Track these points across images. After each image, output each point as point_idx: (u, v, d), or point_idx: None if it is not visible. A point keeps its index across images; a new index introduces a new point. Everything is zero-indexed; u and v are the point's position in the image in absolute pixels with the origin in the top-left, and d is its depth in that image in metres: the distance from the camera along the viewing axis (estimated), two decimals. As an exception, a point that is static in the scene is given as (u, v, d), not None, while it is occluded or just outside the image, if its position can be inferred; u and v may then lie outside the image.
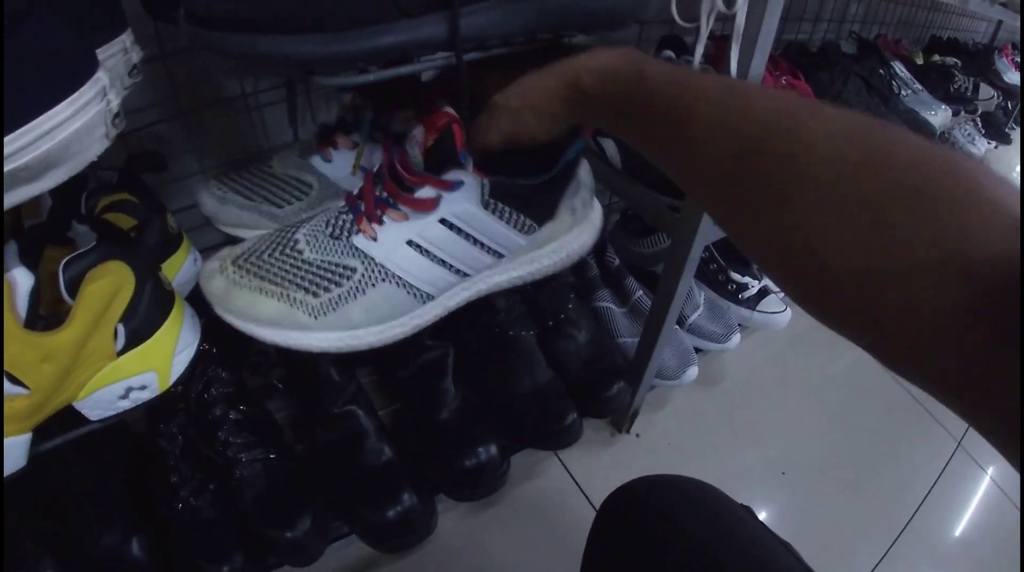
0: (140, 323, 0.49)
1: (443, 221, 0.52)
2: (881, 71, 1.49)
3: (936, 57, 1.87)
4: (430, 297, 0.55)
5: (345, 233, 0.52)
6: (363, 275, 0.51)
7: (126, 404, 0.52)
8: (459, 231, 0.53)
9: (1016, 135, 2.64)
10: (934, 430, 1.47)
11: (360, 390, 0.83)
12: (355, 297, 0.52)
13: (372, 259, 0.52)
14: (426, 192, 0.50)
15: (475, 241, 0.54)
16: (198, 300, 0.55)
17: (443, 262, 0.54)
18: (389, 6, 0.42)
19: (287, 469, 0.78)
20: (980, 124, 2.42)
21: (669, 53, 0.93)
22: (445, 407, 0.83)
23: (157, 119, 0.76)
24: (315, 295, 0.51)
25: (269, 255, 0.53)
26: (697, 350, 1.13)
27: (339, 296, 0.51)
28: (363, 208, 0.52)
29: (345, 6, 0.42)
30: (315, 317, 0.51)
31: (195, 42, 0.44)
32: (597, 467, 1.08)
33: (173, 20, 0.49)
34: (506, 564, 0.94)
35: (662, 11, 0.62)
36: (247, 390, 0.82)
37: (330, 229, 0.52)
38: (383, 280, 0.52)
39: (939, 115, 1.55)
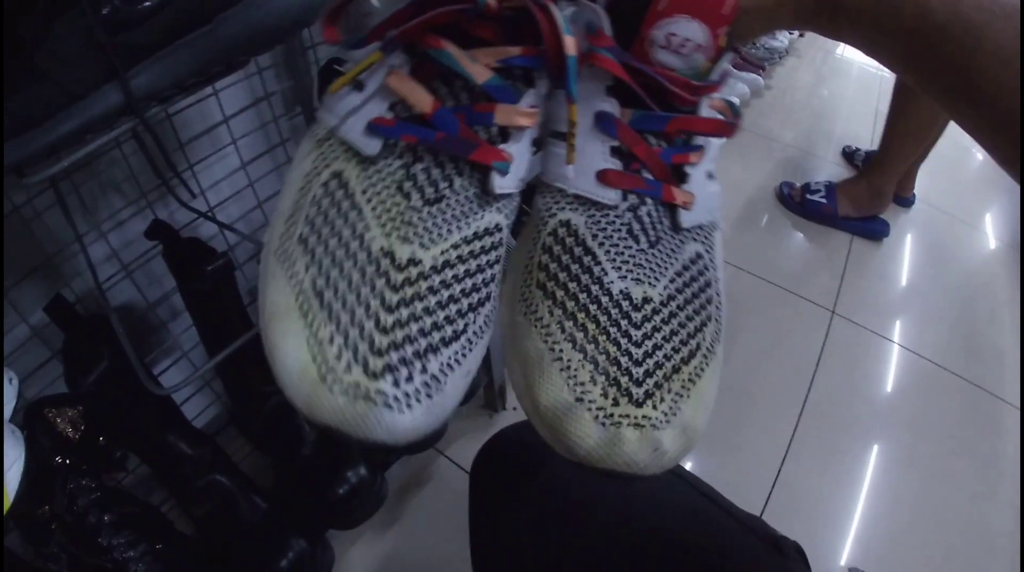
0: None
1: None
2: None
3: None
4: None
5: (663, 226, 0.35)
6: (707, 258, 0.37)
7: (-24, 530, 0.56)
8: None
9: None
10: (804, 308, 1.61)
11: (218, 454, 0.87)
12: (717, 291, 0.38)
13: (703, 228, 0.37)
14: (710, 110, 0.36)
15: None
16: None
17: None
18: (59, 95, 0.47)
19: (178, 553, 0.81)
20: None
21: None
22: (304, 444, 0.88)
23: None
24: (716, 319, 0.36)
25: (631, 338, 0.32)
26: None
27: (715, 306, 0.37)
28: (658, 178, 0.35)
29: (23, 106, 0.47)
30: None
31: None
32: (484, 451, 1.17)
33: None
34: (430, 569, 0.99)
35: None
36: (117, 490, 0.85)
37: (644, 238, 0.35)
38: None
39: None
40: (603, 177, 0.34)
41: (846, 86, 2.86)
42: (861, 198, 1.85)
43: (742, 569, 0.54)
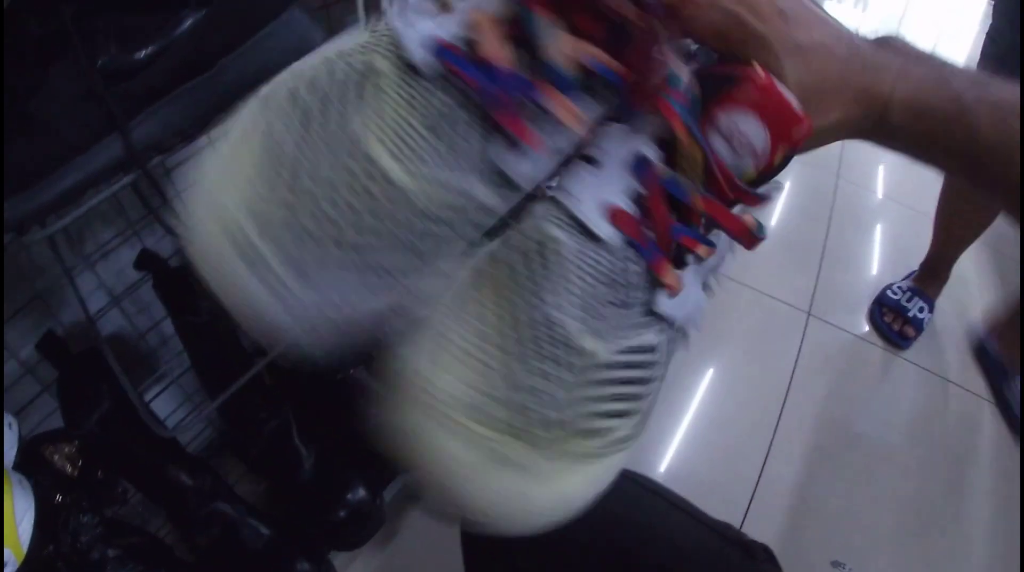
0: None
1: None
2: None
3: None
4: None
5: (637, 296, 0.32)
6: (662, 357, 0.34)
7: (-2, 583, 0.55)
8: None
9: None
10: (779, 310, 1.62)
11: (218, 482, 0.87)
12: (655, 395, 0.35)
13: (672, 323, 0.34)
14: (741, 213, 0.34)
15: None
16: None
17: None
18: (58, 147, 0.46)
19: (182, 584, 0.81)
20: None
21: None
22: (301, 468, 0.88)
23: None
24: (629, 415, 0.33)
25: (544, 377, 0.30)
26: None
27: (650, 402, 0.34)
28: (658, 247, 0.33)
29: (21, 158, 0.46)
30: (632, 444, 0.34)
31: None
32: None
33: None
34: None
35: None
36: (119, 522, 0.84)
37: (614, 293, 0.32)
38: (674, 353, 0.36)
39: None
40: (613, 213, 0.32)
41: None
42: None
43: None
